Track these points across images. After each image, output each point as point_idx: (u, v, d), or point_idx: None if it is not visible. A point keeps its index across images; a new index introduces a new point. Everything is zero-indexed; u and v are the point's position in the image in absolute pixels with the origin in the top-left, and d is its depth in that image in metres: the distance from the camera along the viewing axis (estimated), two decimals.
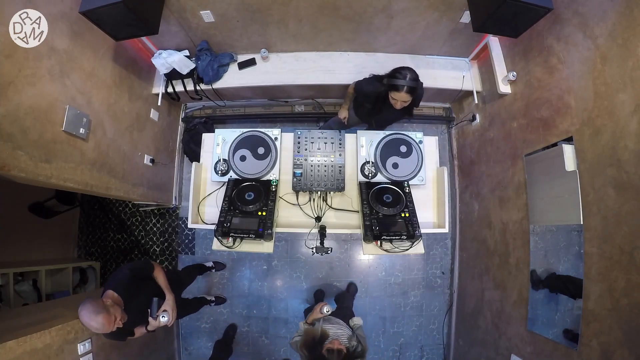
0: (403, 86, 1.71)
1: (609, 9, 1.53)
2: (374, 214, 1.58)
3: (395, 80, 1.72)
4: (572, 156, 1.74)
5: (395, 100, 1.78)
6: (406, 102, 1.79)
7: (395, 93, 1.74)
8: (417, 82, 1.74)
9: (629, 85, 1.44)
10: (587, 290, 1.62)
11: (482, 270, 2.61)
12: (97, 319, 1.39)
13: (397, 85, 1.72)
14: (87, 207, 3.59)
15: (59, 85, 1.80)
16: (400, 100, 1.77)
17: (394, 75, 1.74)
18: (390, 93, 1.78)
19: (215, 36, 2.48)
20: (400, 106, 1.81)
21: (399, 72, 1.73)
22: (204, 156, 1.92)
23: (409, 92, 1.73)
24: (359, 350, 1.61)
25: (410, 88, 1.71)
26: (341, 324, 1.80)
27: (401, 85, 1.71)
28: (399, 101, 1.78)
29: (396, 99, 1.77)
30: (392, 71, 1.77)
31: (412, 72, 1.73)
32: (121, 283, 1.61)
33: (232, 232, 1.51)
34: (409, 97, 1.75)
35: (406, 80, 1.70)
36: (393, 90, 1.75)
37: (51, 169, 1.77)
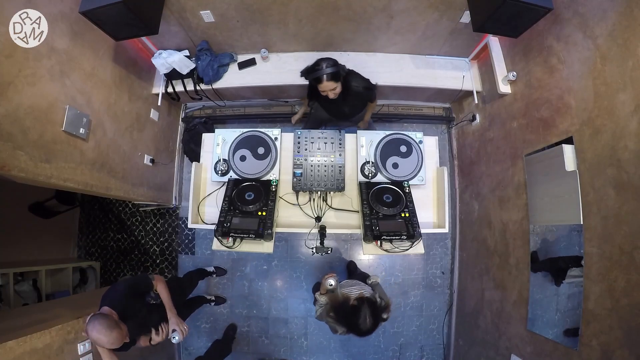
0: (322, 75, 1.72)
1: (609, 9, 1.53)
2: (374, 214, 1.58)
3: (313, 73, 1.74)
4: (572, 156, 1.74)
5: (324, 90, 1.79)
6: (336, 89, 1.79)
7: (320, 85, 1.76)
8: (336, 67, 1.74)
9: (629, 85, 1.44)
10: (587, 290, 1.62)
11: (482, 270, 2.61)
12: (112, 335, 1.38)
13: (317, 77, 1.74)
14: (87, 207, 3.59)
15: (59, 85, 1.80)
16: (329, 89, 1.77)
17: (312, 69, 1.76)
18: (318, 87, 1.79)
19: (215, 36, 2.48)
20: (334, 95, 1.82)
21: (316, 64, 1.75)
22: (204, 156, 1.92)
23: (331, 79, 1.73)
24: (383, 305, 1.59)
25: (330, 74, 1.72)
26: (360, 284, 1.78)
27: (320, 75, 1.72)
28: (328, 91, 1.79)
29: (324, 89, 1.78)
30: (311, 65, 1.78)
31: (329, 60, 1.75)
32: (116, 299, 1.60)
33: (232, 232, 1.51)
34: (334, 84, 1.76)
35: (322, 69, 1.72)
36: (317, 83, 1.77)
37: (51, 169, 1.77)
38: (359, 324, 1.47)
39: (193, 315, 3.02)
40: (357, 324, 1.48)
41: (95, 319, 1.41)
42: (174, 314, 1.83)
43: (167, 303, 1.83)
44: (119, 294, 1.62)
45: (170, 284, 2.06)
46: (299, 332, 3.07)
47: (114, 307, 1.56)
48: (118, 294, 1.62)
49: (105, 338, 1.39)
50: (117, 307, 1.57)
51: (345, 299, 1.58)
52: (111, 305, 1.56)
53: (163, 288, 1.83)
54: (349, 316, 1.52)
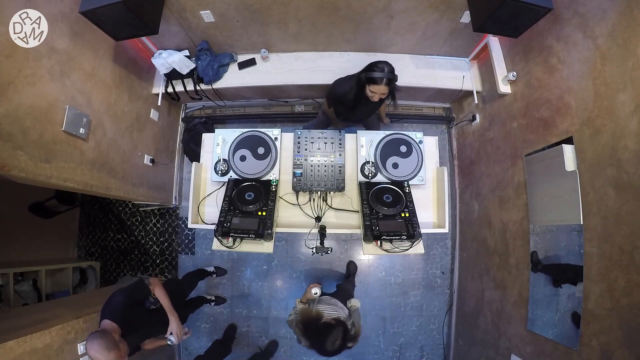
0: (382, 78, 1.73)
1: (609, 9, 1.53)
2: (374, 214, 1.58)
3: (373, 73, 1.74)
4: (572, 156, 1.74)
5: (374, 92, 1.80)
6: (384, 95, 1.82)
7: (374, 86, 1.77)
8: (394, 74, 1.77)
9: (629, 85, 1.44)
10: (587, 290, 1.62)
11: (482, 270, 2.61)
12: (109, 355, 1.38)
13: (375, 78, 1.74)
14: (87, 207, 3.59)
15: (59, 85, 1.81)
16: (379, 92, 1.79)
17: (371, 69, 1.77)
18: (368, 86, 1.80)
19: (215, 36, 2.48)
20: (378, 98, 1.84)
21: (376, 66, 1.76)
22: (204, 156, 1.91)
23: (387, 84, 1.75)
24: (352, 334, 1.59)
25: (389, 80, 1.74)
26: (337, 305, 1.79)
27: (379, 77, 1.73)
28: (377, 94, 1.80)
29: (375, 91, 1.79)
30: (370, 65, 1.79)
31: (389, 65, 1.77)
32: (116, 311, 1.59)
33: (232, 232, 1.51)
34: (386, 89, 1.78)
35: (384, 72, 1.73)
36: (371, 83, 1.77)
37: (51, 169, 1.77)
38: (326, 344, 1.48)
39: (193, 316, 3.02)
40: (324, 342, 1.48)
41: (94, 338, 1.41)
42: (174, 317, 1.83)
43: (166, 306, 1.83)
44: (118, 305, 1.61)
45: (169, 285, 2.06)
46: None
47: (115, 320, 1.56)
48: (117, 305, 1.61)
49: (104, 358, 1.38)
50: (118, 319, 1.57)
51: (317, 315, 1.60)
52: (111, 318, 1.56)
53: (161, 292, 1.83)
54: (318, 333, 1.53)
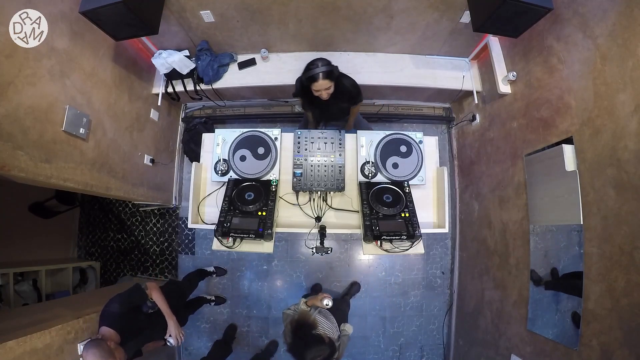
0: (318, 74, 1.73)
1: (609, 9, 1.53)
2: (374, 214, 1.58)
3: (309, 72, 1.74)
4: (572, 156, 1.74)
5: (319, 90, 1.80)
6: (329, 89, 1.81)
7: (315, 84, 1.76)
8: (331, 66, 1.76)
9: (629, 85, 1.44)
10: (587, 290, 1.62)
11: (482, 270, 2.61)
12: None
13: (312, 75, 1.74)
14: (87, 207, 3.59)
15: (59, 85, 1.81)
16: (322, 88, 1.78)
17: (307, 69, 1.77)
18: (311, 87, 1.79)
19: (215, 36, 2.48)
20: (327, 95, 1.83)
21: (311, 64, 1.76)
22: (204, 156, 1.91)
23: (326, 78, 1.75)
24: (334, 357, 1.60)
25: (326, 73, 1.73)
26: (334, 324, 1.81)
27: (316, 73, 1.73)
28: (322, 90, 1.80)
29: (318, 88, 1.79)
30: (306, 66, 1.79)
31: (323, 59, 1.76)
32: (114, 318, 1.59)
33: (232, 232, 1.51)
34: (329, 83, 1.77)
35: (318, 67, 1.73)
36: (311, 82, 1.77)
37: (51, 169, 1.77)
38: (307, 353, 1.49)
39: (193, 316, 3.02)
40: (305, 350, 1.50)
41: (90, 347, 1.41)
42: (172, 321, 1.83)
43: (164, 310, 1.83)
44: (115, 312, 1.61)
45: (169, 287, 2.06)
46: None
47: (112, 327, 1.56)
48: (114, 312, 1.61)
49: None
50: (116, 326, 1.57)
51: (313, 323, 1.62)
52: (109, 325, 1.56)
53: (158, 295, 1.83)
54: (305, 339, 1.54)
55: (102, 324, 1.58)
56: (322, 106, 2.05)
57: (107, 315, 1.60)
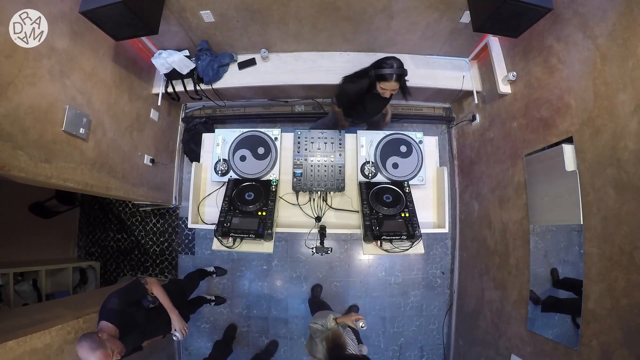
0: (392, 75, 1.73)
1: (609, 9, 1.53)
2: (374, 214, 1.58)
3: (383, 70, 1.74)
4: (572, 156, 1.74)
5: (385, 89, 1.81)
6: (395, 91, 1.83)
7: (385, 83, 1.77)
8: (404, 69, 1.77)
9: (629, 85, 1.44)
10: (587, 290, 1.62)
11: (482, 270, 2.61)
12: (95, 355, 1.38)
13: (385, 74, 1.74)
14: (87, 207, 3.59)
15: (59, 85, 1.80)
16: (390, 89, 1.79)
17: (381, 66, 1.76)
18: (379, 84, 1.80)
19: (215, 36, 2.48)
20: (389, 94, 1.85)
21: (385, 62, 1.75)
22: (204, 156, 1.91)
23: (397, 80, 1.75)
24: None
25: (399, 75, 1.74)
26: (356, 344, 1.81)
27: (389, 74, 1.73)
28: (388, 90, 1.81)
29: (386, 88, 1.79)
30: (379, 61, 1.79)
31: (398, 61, 1.76)
32: (112, 312, 1.59)
33: (232, 232, 1.51)
34: (397, 85, 1.78)
35: (394, 68, 1.73)
36: (382, 80, 1.77)
37: (51, 169, 1.77)
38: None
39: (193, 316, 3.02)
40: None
41: (81, 340, 1.42)
42: (175, 314, 1.84)
43: (166, 304, 1.83)
44: (115, 306, 1.62)
45: (170, 286, 2.06)
46: (299, 332, 3.07)
47: (111, 321, 1.56)
48: (113, 306, 1.62)
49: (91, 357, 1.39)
50: (115, 320, 1.57)
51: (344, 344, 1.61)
52: (108, 319, 1.56)
53: (159, 290, 1.83)
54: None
55: (101, 318, 1.58)
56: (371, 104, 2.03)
57: (107, 310, 1.61)
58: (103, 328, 1.53)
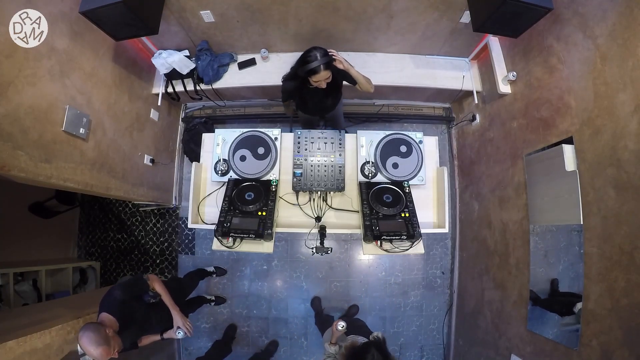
0: (319, 66, 1.70)
1: (609, 9, 1.53)
2: (374, 214, 1.58)
3: (309, 65, 1.71)
4: (572, 156, 1.74)
5: (317, 81, 1.78)
6: (329, 79, 1.79)
7: (316, 75, 1.74)
8: (329, 56, 1.73)
9: (629, 85, 1.44)
10: (587, 290, 1.62)
11: (482, 270, 2.61)
12: (97, 350, 1.37)
13: (312, 68, 1.71)
14: (87, 207, 3.59)
15: (59, 85, 1.80)
16: (323, 79, 1.76)
17: (306, 61, 1.73)
18: (310, 79, 1.77)
19: (215, 36, 2.48)
20: (326, 84, 1.81)
21: (309, 56, 1.72)
22: (204, 156, 1.91)
23: (327, 68, 1.72)
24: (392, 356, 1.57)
25: (326, 64, 1.71)
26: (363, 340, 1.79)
27: (316, 66, 1.70)
28: (322, 81, 1.78)
29: (318, 79, 1.77)
30: (302, 57, 1.75)
31: (320, 49, 1.73)
32: (114, 305, 1.59)
33: (232, 232, 1.51)
34: (328, 73, 1.75)
35: (318, 59, 1.70)
36: (312, 74, 1.74)
37: (51, 169, 1.77)
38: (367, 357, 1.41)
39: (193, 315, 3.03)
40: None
41: (88, 329, 1.40)
42: (177, 312, 1.84)
43: (168, 301, 1.83)
44: (116, 299, 1.61)
45: (170, 284, 2.06)
46: (299, 332, 3.07)
47: (112, 313, 1.55)
48: (115, 299, 1.61)
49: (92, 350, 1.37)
50: (115, 313, 1.56)
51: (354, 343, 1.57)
52: (109, 312, 1.56)
53: (160, 287, 1.83)
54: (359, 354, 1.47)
55: (102, 310, 1.57)
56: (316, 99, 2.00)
57: (108, 302, 1.60)
58: (104, 320, 1.52)
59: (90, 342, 1.37)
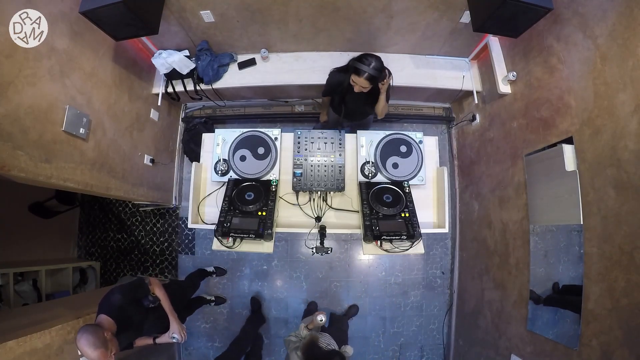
0: (364, 72, 1.71)
1: (609, 9, 1.53)
2: (374, 214, 1.58)
3: (359, 64, 1.72)
4: (572, 156, 1.74)
5: (355, 83, 1.79)
6: (365, 88, 1.80)
7: (356, 77, 1.75)
8: (379, 72, 1.74)
9: (629, 85, 1.44)
10: (587, 290, 1.62)
11: (482, 270, 2.61)
12: (95, 353, 1.37)
13: (358, 69, 1.72)
14: (87, 207, 3.59)
15: (59, 85, 1.80)
16: (359, 84, 1.77)
17: (360, 59, 1.74)
18: (352, 75, 1.78)
19: (215, 36, 2.48)
20: (358, 90, 1.82)
21: (366, 58, 1.73)
22: (204, 156, 1.92)
23: (368, 79, 1.73)
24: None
25: (371, 76, 1.72)
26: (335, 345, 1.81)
27: (362, 70, 1.71)
28: (357, 85, 1.79)
29: (355, 82, 1.78)
30: (361, 55, 1.77)
31: (378, 62, 1.73)
32: (114, 307, 1.59)
33: (232, 232, 1.51)
34: (367, 84, 1.76)
35: (369, 67, 1.71)
36: (354, 73, 1.75)
37: (51, 169, 1.77)
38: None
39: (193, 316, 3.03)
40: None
41: (86, 331, 1.40)
42: (175, 319, 1.83)
43: (167, 307, 1.82)
44: (116, 301, 1.61)
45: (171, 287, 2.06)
46: None
47: (111, 315, 1.55)
48: (114, 301, 1.61)
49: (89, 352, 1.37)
50: (114, 315, 1.56)
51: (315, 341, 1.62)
52: (108, 314, 1.56)
53: (161, 292, 1.82)
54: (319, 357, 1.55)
55: (101, 311, 1.57)
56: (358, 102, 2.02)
57: (108, 304, 1.60)
58: (102, 322, 1.52)
59: (88, 345, 1.37)
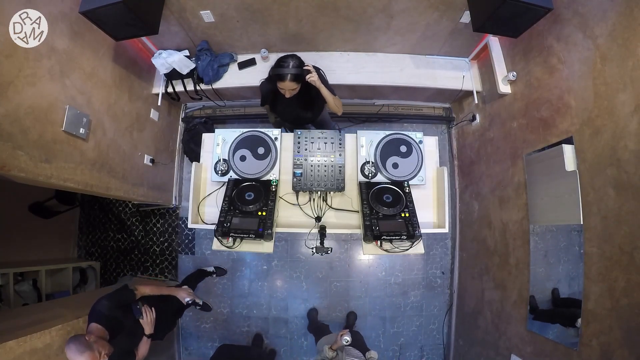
0: (285, 74, 1.67)
1: (609, 9, 1.53)
2: (374, 214, 1.58)
3: (278, 70, 1.68)
4: (572, 156, 1.74)
5: (283, 89, 1.75)
6: (295, 90, 1.76)
7: (281, 82, 1.71)
8: (301, 69, 1.69)
9: (629, 85, 1.44)
10: (587, 290, 1.62)
11: (482, 270, 2.61)
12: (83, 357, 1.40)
13: (280, 74, 1.69)
14: (87, 207, 3.59)
15: (59, 85, 1.80)
16: (287, 88, 1.73)
17: (277, 65, 1.70)
18: (277, 84, 1.74)
19: (215, 36, 2.48)
20: (290, 95, 1.79)
21: (283, 61, 1.69)
22: (204, 156, 1.91)
23: (293, 80, 1.69)
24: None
25: (293, 76, 1.67)
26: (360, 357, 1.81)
27: (283, 74, 1.67)
28: (286, 90, 1.75)
29: (283, 87, 1.74)
30: (277, 60, 1.72)
31: (295, 59, 1.69)
32: (102, 315, 1.61)
33: (232, 232, 1.51)
34: (294, 85, 1.72)
35: (289, 68, 1.67)
36: (278, 80, 1.71)
37: (51, 169, 1.77)
38: None
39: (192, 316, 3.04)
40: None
41: (69, 342, 1.44)
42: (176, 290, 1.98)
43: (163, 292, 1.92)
44: (103, 308, 1.64)
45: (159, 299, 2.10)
46: (299, 332, 3.07)
47: (100, 322, 1.58)
48: (101, 308, 1.64)
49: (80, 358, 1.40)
50: (104, 323, 1.59)
51: None
52: (97, 321, 1.58)
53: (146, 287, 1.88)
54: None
55: (91, 320, 1.61)
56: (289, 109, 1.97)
57: (95, 312, 1.63)
58: (92, 330, 1.55)
59: (74, 352, 1.41)
